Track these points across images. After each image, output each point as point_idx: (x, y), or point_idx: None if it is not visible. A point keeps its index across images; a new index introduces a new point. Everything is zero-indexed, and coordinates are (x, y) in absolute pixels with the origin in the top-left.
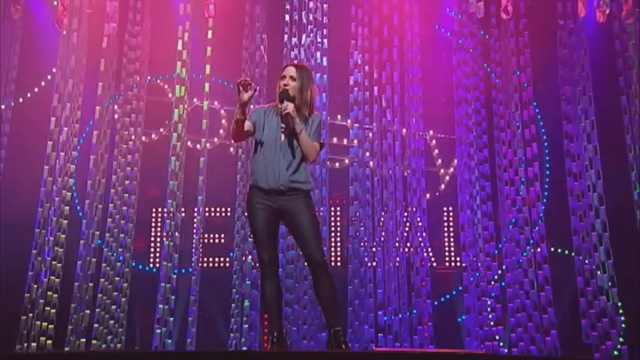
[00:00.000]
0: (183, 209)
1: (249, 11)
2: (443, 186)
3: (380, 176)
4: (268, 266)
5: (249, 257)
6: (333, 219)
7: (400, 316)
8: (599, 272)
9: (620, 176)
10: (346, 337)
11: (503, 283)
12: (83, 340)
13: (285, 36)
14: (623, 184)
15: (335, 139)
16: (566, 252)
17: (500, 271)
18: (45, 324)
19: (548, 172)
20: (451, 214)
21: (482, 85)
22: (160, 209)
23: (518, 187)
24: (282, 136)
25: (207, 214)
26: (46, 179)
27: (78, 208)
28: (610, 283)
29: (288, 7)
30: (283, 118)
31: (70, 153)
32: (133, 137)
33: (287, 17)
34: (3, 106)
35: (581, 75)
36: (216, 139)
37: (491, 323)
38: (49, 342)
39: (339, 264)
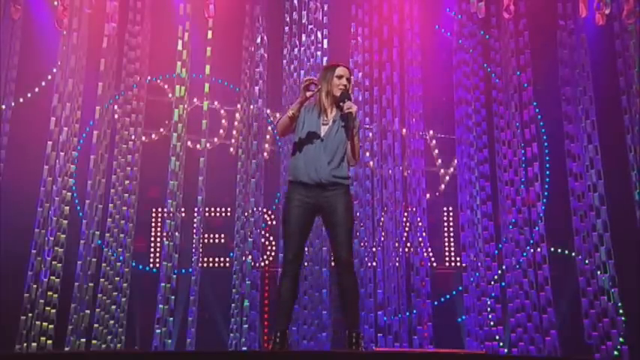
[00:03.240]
0: (183, 209)
1: (249, 11)
2: (443, 186)
3: (380, 176)
4: (291, 265)
5: (249, 257)
6: None
7: (400, 316)
8: (599, 272)
9: (621, 176)
10: (362, 340)
11: (503, 283)
12: (83, 340)
13: (285, 36)
14: (623, 184)
15: None
16: (566, 252)
17: (500, 271)
18: (45, 324)
19: (548, 172)
20: (451, 214)
21: (482, 85)
22: (160, 209)
23: (518, 188)
24: (323, 132)
25: (207, 214)
26: (46, 179)
27: (78, 208)
28: (611, 283)
29: (288, 7)
30: (345, 117)
31: (70, 153)
32: (133, 137)
33: (287, 17)
34: (3, 106)
35: (582, 75)
36: (216, 139)
37: (491, 323)
38: (49, 342)
39: None
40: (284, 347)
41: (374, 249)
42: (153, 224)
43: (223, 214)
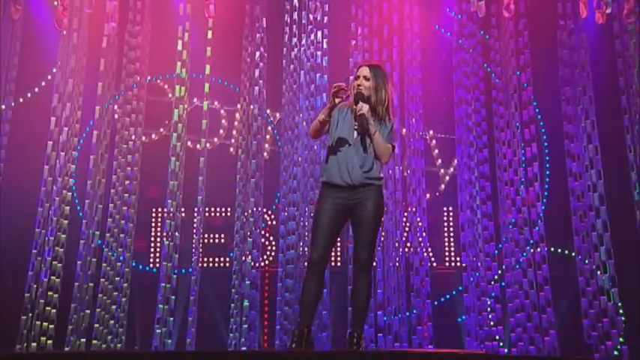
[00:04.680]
0: (183, 209)
1: (249, 11)
2: (443, 186)
3: None
4: (315, 266)
5: (249, 257)
6: None
7: (400, 316)
8: (599, 272)
9: (621, 176)
10: (363, 340)
11: (503, 283)
12: (83, 340)
13: (285, 36)
14: (623, 184)
15: None
16: (566, 252)
17: (500, 271)
18: (45, 324)
19: (548, 172)
20: (451, 214)
21: (482, 85)
22: (160, 209)
23: (517, 188)
24: (355, 134)
25: (207, 214)
26: (46, 179)
27: (78, 208)
28: (611, 283)
29: (288, 7)
30: (358, 119)
31: (70, 153)
32: (133, 137)
33: (287, 17)
34: (3, 106)
35: (582, 75)
36: (216, 139)
37: (491, 323)
38: (50, 342)
39: (339, 264)
40: (301, 347)
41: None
42: (153, 224)
43: (223, 214)
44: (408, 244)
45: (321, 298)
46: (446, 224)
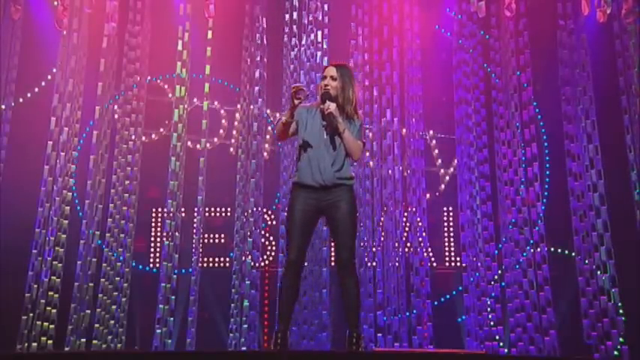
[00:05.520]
0: (183, 209)
1: (249, 11)
2: (443, 186)
3: (380, 176)
4: (292, 265)
5: (249, 257)
6: None
7: (400, 316)
8: (599, 272)
9: (621, 176)
10: (362, 340)
11: (503, 283)
12: (83, 340)
13: (285, 36)
14: (623, 184)
15: None
16: (566, 252)
17: (500, 271)
18: (45, 324)
19: (548, 172)
20: (451, 214)
21: (482, 85)
22: (160, 209)
23: (517, 188)
24: (325, 134)
25: (207, 214)
26: (47, 179)
27: (78, 208)
28: (611, 283)
29: (288, 7)
30: (326, 118)
31: (70, 153)
32: (133, 137)
33: (287, 17)
34: (3, 106)
35: (582, 75)
36: (216, 139)
37: (491, 323)
38: (50, 342)
39: None
40: (285, 348)
41: (374, 249)
42: (153, 224)
43: (223, 214)
44: (408, 244)
45: (298, 297)
46: (446, 224)
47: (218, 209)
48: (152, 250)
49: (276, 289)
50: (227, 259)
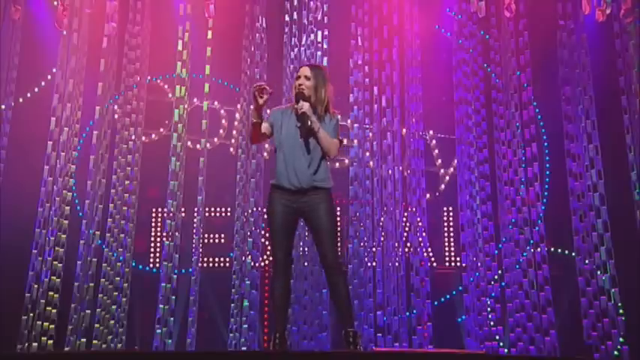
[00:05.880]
0: (183, 209)
1: (249, 11)
2: (443, 186)
3: (379, 176)
4: (281, 266)
5: (249, 257)
6: None
7: (400, 316)
8: (599, 272)
9: (620, 176)
10: (359, 338)
11: (503, 283)
12: (84, 340)
13: (285, 36)
14: (623, 184)
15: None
16: (566, 252)
17: (500, 271)
18: (46, 324)
19: (548, 172)
20: (451, 214)
21: (482, 85)
22: (160, 209)
23: (517, 187)
24: (300, 136)
25: (207, 214)
26: (47, 179)
27: (78, 208)
28: (611, 283)
29: (288, 7)
30: (300, 118)
31: (70, 153)
32: (133, 137)
33: (287, 17)
34: (3, 106)
35: (582, 75)
36: (216, 139)
37: (491, 323)
38: (50, 342)
39: None
40: (283, 348)
41: (374, 249)
42: (153, 224)
43: (223, 214)
44: (408, 244)
45: (290, 297)
46: (446, 224)
47: (218, 209)
48: (152, 250)
49: (270, 291)
50: (227, 259)
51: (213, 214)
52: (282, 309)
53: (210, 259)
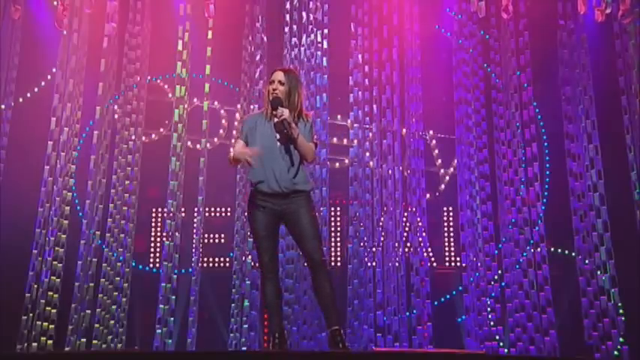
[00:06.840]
0: (183, 209)
1: (249, 11)
2: (443, 186)
3: (379, 176)
4: (268, 267)
5: (249, 257)
6: (332, 219)
7: (400, 316)
8: (599, 272)
9: (620, 176)
10: (344, 336)
11: (503, 283)
12: (84, 340)
13: (285, 36)
14: (623, 184)
15: (335, 139)
16: (566, 252)
17: (500, 271)
18: (46, 324)
19: (548, 172)
20: (451, 214)
21: (482, 85)
22: (160, 209)
23: (517, 187)
24: (277, 139)
25: (207, 214)
26: (47, 179)
27: (78, 208)
28: (611, 283)
29: (288, 7)
30: (278, 125)
31: (70, 153)
32: (133, 137)
33: (287, 17)
34: (3, 106)
35: (582, 75)
36: (216, 139)
37: (491, 323)
38: (50, 342)
39: (339, 264)
40: (283, 347)
41: (374, 249)
42: (153, 224)
43: (223, 214)
44: (408, 244)
45: (282, 295)
46: (446, 224)
47: (218, 209)
48: (152, 250)
49: (261, 293)
50: (227, 259)
51: (213, 214)
52: (277, 310)
53: (211, 259)
